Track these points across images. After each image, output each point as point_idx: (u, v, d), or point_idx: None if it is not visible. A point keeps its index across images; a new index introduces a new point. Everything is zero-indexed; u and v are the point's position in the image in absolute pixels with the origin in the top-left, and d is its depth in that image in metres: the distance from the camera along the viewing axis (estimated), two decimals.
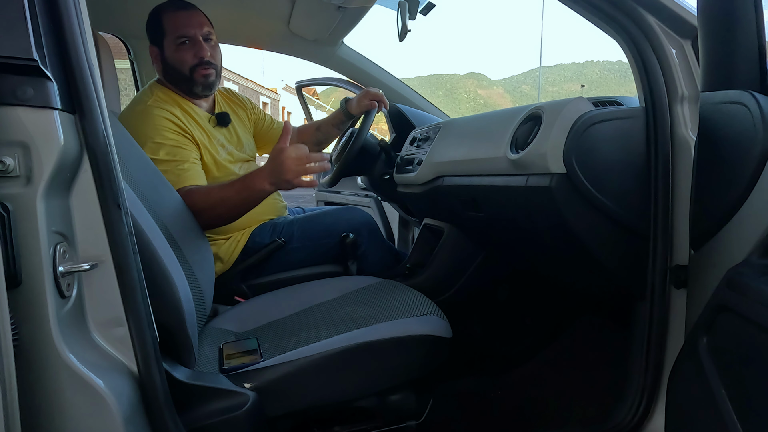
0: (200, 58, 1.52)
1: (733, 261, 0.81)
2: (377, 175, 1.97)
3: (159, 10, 1.53)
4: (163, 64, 1.55)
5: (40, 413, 0.69)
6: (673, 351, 1.07)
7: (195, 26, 1.52)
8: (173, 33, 1.51)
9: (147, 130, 1.43)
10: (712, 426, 0.74)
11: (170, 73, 1.55)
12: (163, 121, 1.46)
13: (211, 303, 1.27)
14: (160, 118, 1.46)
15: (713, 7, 0.88)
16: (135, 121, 1.44)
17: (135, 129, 1.40)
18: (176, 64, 1.53)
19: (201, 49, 1.53)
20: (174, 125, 1.47)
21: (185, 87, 1.56)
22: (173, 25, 1.51)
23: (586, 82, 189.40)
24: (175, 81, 1.56)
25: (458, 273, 1.70)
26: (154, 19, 1.54)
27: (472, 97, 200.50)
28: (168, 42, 1.52)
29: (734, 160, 0.84)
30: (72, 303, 0.72)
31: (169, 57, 1.53)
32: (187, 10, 1.53)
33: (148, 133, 1.43)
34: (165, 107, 1.49)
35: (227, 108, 1.74)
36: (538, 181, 1.10)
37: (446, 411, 1.54)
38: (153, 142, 1.42)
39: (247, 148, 1.75)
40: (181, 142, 1.47)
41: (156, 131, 1.44)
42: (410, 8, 1.68)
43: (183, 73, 1.53)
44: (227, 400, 0.92)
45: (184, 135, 1.49)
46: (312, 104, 7.28)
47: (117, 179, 0.74)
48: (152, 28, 1.55)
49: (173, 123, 1.47)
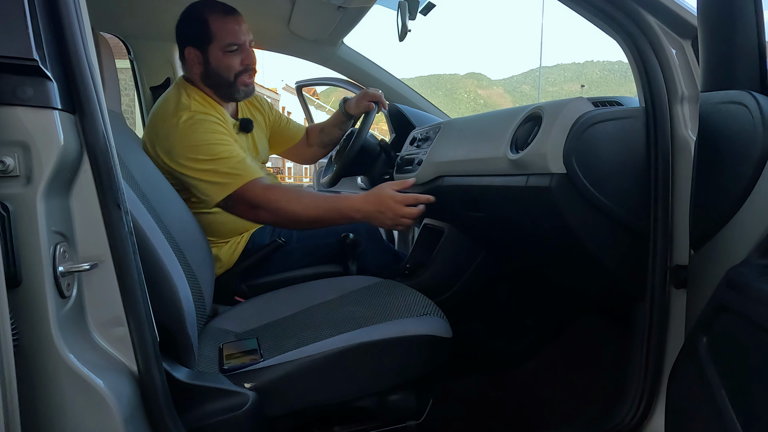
0: (247, 66, 1.51)
1: (733, 261, 0.81)
2: (377, 175, 1.97)
3: (203, 14, 1.48)
4: (205, 68, 1.51)
5: (40, 413, 0.69)
6: (673, 351, 1.07)
7: (244, 32, 1.50)
8: (223, 39, 1.47)
9: (200, 135, 1.40)
10: (712, 426, 0.74)
11: (212, 77, 1.51)
12: (215, 125, 1.44)
13: (211, 303, 1.27)
14: (211, 122, 1.44)
15: (713, 7, 0.88)
16: (184, 128, 1.40)
17: (184, 136, 1.39)
18: (222, 69, 1.50)
19: (249, 56, 1.51)
20: (223, 128, 1.46)
21: (225, 92, 1.54)
22: (223, 32, 1.47)
23: (586, 82, 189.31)
24: (216, 85, 1.53)
25: (458, 273, 1.70)
26: (196, 22, 1.49)
27: (472, 97, 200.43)
28: (215, 47, 1.48)
29: (734, 160, 0.84)
30: (72, 303, 0.72)
31: (214, 62, 1.49)
32: (235, 15, 1.50)
33: (201, 138, 1.40)
34: (210, 112, 1.47)
35: (248, 113, 1.73)
36: (538, 181, 1.10)
37: (446, 411, 1.53)
38: (209, 144, 1.39)
39: (262, 155, 1.74)
40: (232, 142, 1.46)
41: (210, 134, 1.41)
42: (410, 8, 1.68)
43: (227, 79, 1.51)
44: (227, 400, 0.92)
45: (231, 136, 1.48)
46: (312, 104, 7.29)
47: (117, 179, 0.74)
48: (194, 31, 1.50)
49: (221, 126, 1.46)
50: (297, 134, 1.94)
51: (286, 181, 30.03)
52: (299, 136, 1.95)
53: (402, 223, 1.32)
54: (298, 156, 2.01)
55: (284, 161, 31.73)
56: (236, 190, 1.37)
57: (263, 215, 1.39)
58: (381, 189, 1.32)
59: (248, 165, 1.41)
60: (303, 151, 1.99)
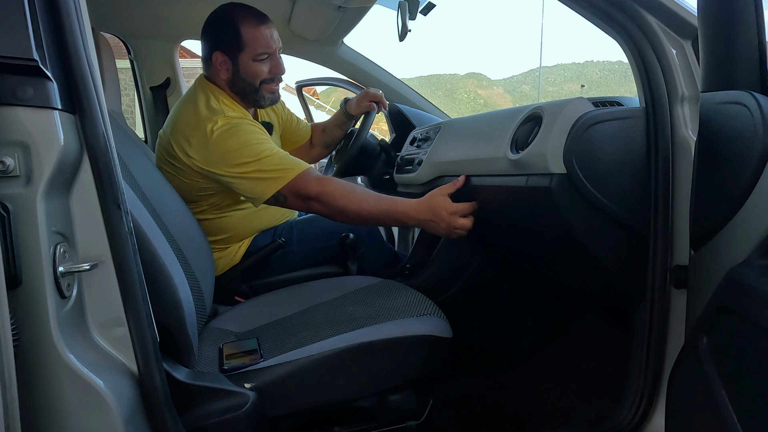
0: (275, 74, 1.51)
1: (734, 261, 0.81)
2: (377, 175, 1.97)
3: (235, 20, 1.46)
4: (233, 74, 1.49)
5: (40, 413, 0.69)
6: (673, 351, 1.07)
7: (276, 41, 1.50)
8: (255, 48, 1.46)
9: (240, 138, 1.38)
10: (712, 426, 0.74)
11: (238, 83, 1.50)
12: (250, 126, 1.43)
13: (211, 303, 1.27)
14: (247, 125, 1.42)
15: (713, 7, 0.88)
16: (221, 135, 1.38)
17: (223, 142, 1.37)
18: (249, 76, 1.49)
19: (278, 65, 1.50)
20: (258, 129, 1.45)
21: (250, 98, 1.53)
22: (256, 41, 1.46)
23: (586, 82, 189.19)
24: (241, 91, 1.51)
25: (458, 273, 1.69)
26: (228, 28, 1.47)
27: (472, 97, 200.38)
28: (246, 55, 1.47)
29: (734, 161, 0.84)
30: (72, 303, 0.72)
31: (243, 69, 1.48)
32: (267, 23, 1.49)
33: (242, 140, 1.38)
34: (243, 116, 1.46)
35: (266, 115, 1.72)
36: (538, 182, 1.10)
37: (446, 411, 1.53)
38: (250, 144, 1.38)
39: None
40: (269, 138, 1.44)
41: (250, 135, 1.40)
42: (410, 8, 1.68)
43: (253, 85, 1.50)
44: (227, 400, 0.92)
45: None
46: (312, 104, 7.29)
47: (117, 179, 0.74)
48: (225, 36, 1.48)
49: (256, 128, 1.45)
50: (305, 135, 1.95)
51: None
52: (307, 137, 1.95)
53: (456, 234, 1.30)
54: (302, 156, 2.00)
55: None
56: (287, 184, 1.35)
57: (316, 206, 1.37)
58: (434, 198, 1.29)
59: (294, 159, 1.40)
60: (306, 151, 1.99)
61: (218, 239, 1.55)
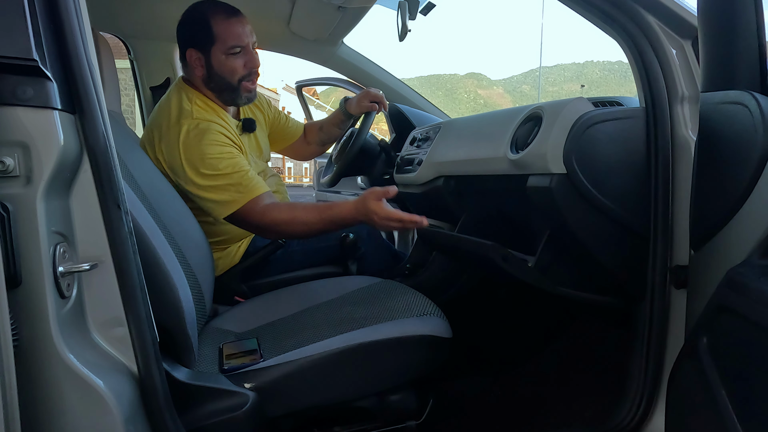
0: (251, 69, 1.49)
1: (733, 261, 0.81)
2: (377, 175, 1.98)
3: (205, 15, 1.45)
4: (208, 70, 1.47)
5: (40, 413, 0.69)
6: (673, 351, 1.07)
7: (248, 34, 1.48)
8: (226, 42, 1.44)
9: (202, 147, 1.37)
10: (712, 426, 0.74)
11: (215, 80, 1.49)
12: (218, 135, 1.41)
13: (211, 303, 1.27)
14: (215, 132, 1.41)
15: (713, 7, 0.88)
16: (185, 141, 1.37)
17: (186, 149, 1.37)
18: (225, 73, 1.47)
19: (252, 59, 1.49)
20: (226, 138, 1.43)
21: (228, 96, 1.52)
22: (226, 33, 1.44)
23: (586, 82, 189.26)
24: (218, 89, 1.50)
25: (458, 273, 1.70)
26: (198, 23, 1.45)
27: (472, 97, 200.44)
28: (217, 50, 1.45)
29: (734, 161, 0.84)
30: (72, 303, 0.72)
31: (216, 65, 1.46)
32: (238, 16, 1.47)
33: (204, 150, 1.37)
34: (212, 119, 1.44)
35: (249, 112, 1.71)
36: (538, 182, 1.10)
37: (446, 411, 1.53)
38: (212, 157, 1.37)
39: (266, 155, 1.73)
40: (237, 153, 1.43)
41: (213, 146, 1.39)
42: (410, 8, 1.68)
43: (231, 83, 1.48)
44: (227, 400, 0.92)
45: (235, 145, 1.46)
46: (312, 104, 7.31)
47: (117, 179, 0.74)
48: (196, 32, 1.47)
49: (225, 136, 1.43)
50: (296, 132, 1.94)
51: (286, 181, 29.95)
52: (298, 134, 1.95)
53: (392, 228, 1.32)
54: (296, 153, 2.01)
55: (284, 161, 31.67)
56: (239, 209, 1.36)
57: (267, 234, 1.43)
58: (368, 203, 1.28)
59: (250, 181, 1.39)
60: (301, 148, 1.99)
61: (217, 240, 1.55)
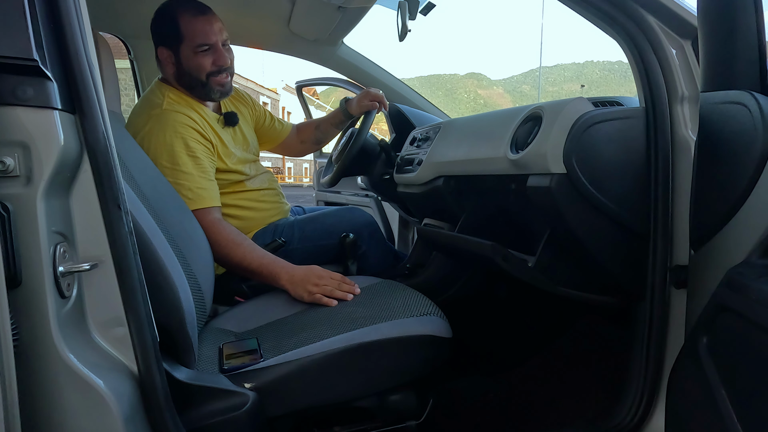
0: (219, 66, 1.49)
1: (733, 261, 0.81)
2: (377, 175, 1.98)
3: (174, 13, 1.46)
4: (178, 68, 1.50)
5: (40, 413, 0.69)
6: (673, 351, 1.07)
7: (216, 32, 1.48)
8: (193, 40, 1.46)
9: (166, 137, 1.38)
10: (712, 426, 0.74)
11: (185, 78, 1.50)
12: (185, 128, 1.41)
13: (211, 303, 1.27)
14: (181, 124, 1.41)
15: (713, 7, 0.88)
16: (151, 127, 1.40)
17: (150, 135, 1.38)
18: (193, 70, 1.48)
19: (221, 56, 1.49)
20: (195, 132, 1.44)
21: (200, 92, 1.52)
22: (193, 31, 1.45)
23: (586, 82, 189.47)
24: (189, 86, 1.52)
25: (458, 273, 1.69)
26: (168, 22, 1.47)
27: (472, 97, 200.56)
28: (186, 47, 1.47)
29: (734, 161, 0.84)
30: (72, 303, 0.72)
31: (185, 62, 1.48)
32: (206, 14, 1.48)
33: (167, 141, 1.38)
34: (182, 111, 1.45)
35: (231, 106, 1.71)
36: (538, 182, 1.10)
37: (446, 411, 1.53)
38: (174, 150, 1.38)
39: (253, 148, 1.74)
40: (202, 151, 1.44)
41: (177, 139, 1.39)
42: (410, 8, 1.68)
43: (199, 80, 1.49)
44: (227, 400, 0.92)
45: (204, 142, 1.46)
46: (312, 104, 7.30)
47: (117, 179, 0.74)
48: (165, 30, 1.48)
49: (194, 129, 1.43)
50: (282, 133, 1.95)
51: (286, 181, 29.99)
52: (284, 134, 1.95)
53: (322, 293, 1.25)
54: (287, 150, 2.02)
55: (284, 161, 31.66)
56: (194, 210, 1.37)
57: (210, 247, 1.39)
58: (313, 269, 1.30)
59: (203, 190, 1.40)
60: (294, 146, 2.01)
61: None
